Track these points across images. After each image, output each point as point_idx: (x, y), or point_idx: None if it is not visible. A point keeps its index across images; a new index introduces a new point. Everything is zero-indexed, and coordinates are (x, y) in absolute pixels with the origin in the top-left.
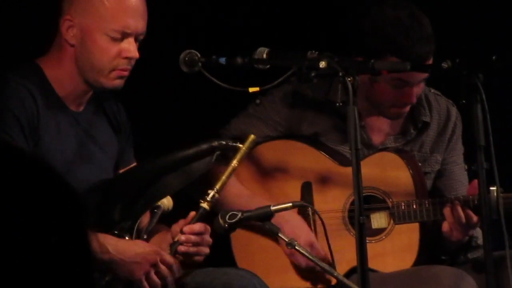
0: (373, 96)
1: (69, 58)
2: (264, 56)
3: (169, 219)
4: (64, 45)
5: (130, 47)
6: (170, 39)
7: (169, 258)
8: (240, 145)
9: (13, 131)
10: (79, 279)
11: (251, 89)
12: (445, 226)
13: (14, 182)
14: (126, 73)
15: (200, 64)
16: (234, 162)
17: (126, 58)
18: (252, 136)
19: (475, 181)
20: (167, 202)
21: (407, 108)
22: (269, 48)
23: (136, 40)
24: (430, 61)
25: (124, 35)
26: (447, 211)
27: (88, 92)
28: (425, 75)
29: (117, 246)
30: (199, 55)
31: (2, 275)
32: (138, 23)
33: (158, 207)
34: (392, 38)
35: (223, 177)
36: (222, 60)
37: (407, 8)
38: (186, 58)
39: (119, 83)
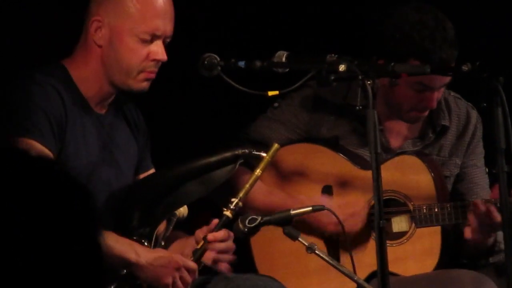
0: (393, 99)
1: (96, 59)
2: (283, 59)
3: (183, 226)
4: (91, 45)
5: (159, 50)
6: (189, 43)
7: (192, 264)
8: (264, 154)
9: (43, 128)
10: (90, 281)
11: (270, 93)
12: (467, 230)
13: (29, 187)
14: (153, 76)
15: (219, 67)
16: (258, 171)
17: (154, 60)
18: (276, 145)
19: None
20: (182, 209)
21: (426, 113)
22: (288, 51)
23: (163, 42)
24: (453, 65)
25: (154, 37)
26: (471, 211)
27: (112, 94)
28: (448, 80)
29: (145, 252)
30: (218, 58)
31: (15, 277)
32: (167, 25)
33: (174, 214)
34: (416, 41)
35: (247, 186)
36: (241, 63)
37: (430, 12)
38: (205, 62)
39: (146, 85)
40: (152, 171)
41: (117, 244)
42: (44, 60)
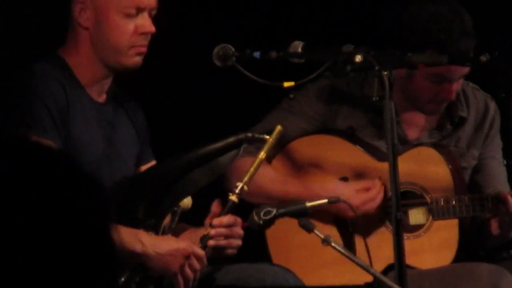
0: (411, 90)
1: (85, 42)
2: (299, 50)
3: (189, 218)
4: (78, 29)
5: (146, 23)
6: (204, 33)
7: (200, 251)
8: (267, 137)
9: (46, 122)
10: (103, 278)
11: (286, 84)
12: (494, 223)
13: (41, 179)
14: (144, 49)
15: (234, 58)
16: (262, 154)
17: (143, 33)
18: (278, 127)
19: None
20: (186, 201)
21: (445, 104)
22: (304, 41)
23: (149, 15)
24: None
25: (139, 10)
26: (501, 203)
27: (108, 76)
28: (466, 71)
29: (151, 241)
30: (233, 49)
31: (25, 272)
32: None
33: (178, 206)
34: (433, 32)
35: (251, 169)
36: (257, 54)
37: (447, 3)
38: (220, 53)
39: (138, 60)
40: (153, 162)
41: (122, 235)
42: (41, 52)
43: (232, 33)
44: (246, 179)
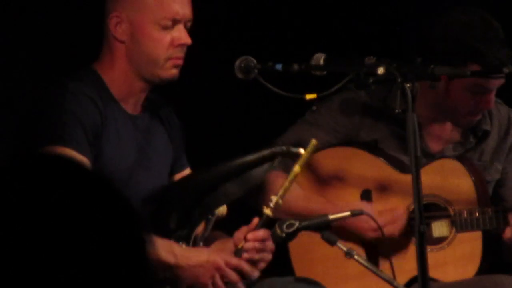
0: (449, 103)
1: (121, 56)
2: (321, 62)
3: (223, 225)
4: (114, 43)
5: (182, 34)
6: (226, 46)
7: (235, 261)
8: (302, 151)
9: (78, 137)
10: None
11: (308, 96)
12: (508, 231)
13: (74, 197)
14: (181, 62)
15: (256, 70)
16: (297, 168)
17: (179, 45)
18: (314, 141)
19: None
20: (221, 208)
21: (480, 115)
22: (326, 54)
23: (185, 27)
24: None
25: (174, 22)
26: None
27: (144, 90)
28: (503, 80)
29: (183, 252)
30: (255, 61)
31: None
32: (185, 8)
33: (213, 213)
34: (468, 43)
35: (286, 183)
36: (279, 66)
37: (477, 13)
38: (242, 65)
39: (175, 72)
40: (187, 170)
41: (156, 247)
42: (76, 66)
43: (254, 46)
44: (281, 193)
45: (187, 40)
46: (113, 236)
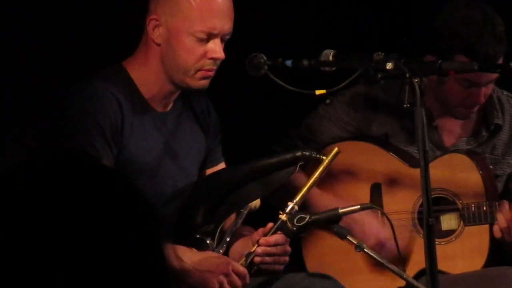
0: (441, 95)
1: (155, 58)
2: (330, 58)
3: (256, 219)
4: (150, 44)
5: (216, 48)
6: (236, 42)
7: (241, 269)
8: (324, 157)
9: (96, 139)
10: None
11: (317, 92)
12: (496, 229)
13: (93, 197)
14: (211, 74)
15: (266, 67)
16: (316, 175)
17: (212, 58)
18: (336, 149)
19: None
20: (255, 201)
21: (476, 108)
22: (335, 50)
23: (222, 40)
24: (500, 61)
25: (210, 36)
26: (499, 211)
27: (174, 92)
28: (495, 76)
29: (191, 256)
30: (265, 58)
31: None
32: (224, 24)
33: (245, 207)
34: (463, 36)
35: (304, 190)
36: (288, 62)
37: (479, 7)
38: (252, 61)
39: (204, 83)
40: (222, 164)
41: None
42: (108, 60)
43: (264, 42)
44: (297, 199)
45: (220, 55)
46: (130, 235)
